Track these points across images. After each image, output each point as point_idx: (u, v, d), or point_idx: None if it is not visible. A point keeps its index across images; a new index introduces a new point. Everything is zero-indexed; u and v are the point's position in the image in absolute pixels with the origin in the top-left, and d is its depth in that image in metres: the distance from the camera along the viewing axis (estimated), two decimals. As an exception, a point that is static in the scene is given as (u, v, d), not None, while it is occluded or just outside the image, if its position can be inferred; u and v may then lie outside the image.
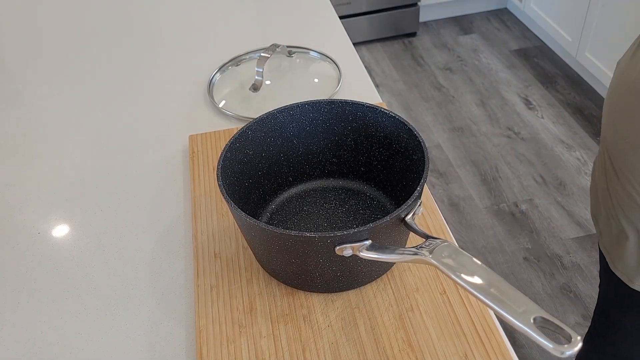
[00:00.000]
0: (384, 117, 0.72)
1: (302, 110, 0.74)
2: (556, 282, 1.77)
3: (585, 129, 2.31)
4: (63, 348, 0.65)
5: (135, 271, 0.73)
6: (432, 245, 0.55)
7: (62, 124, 0.99)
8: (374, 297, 0.66)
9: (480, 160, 2.22)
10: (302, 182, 0.79)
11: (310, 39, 1.15)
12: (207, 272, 0.70)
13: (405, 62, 2.80)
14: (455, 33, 2.96)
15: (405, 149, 0.71)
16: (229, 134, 0.90)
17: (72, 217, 0.81)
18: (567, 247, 1.87)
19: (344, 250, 0.57)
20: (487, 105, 2.48)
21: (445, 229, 0.73)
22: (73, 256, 0.76)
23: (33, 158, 0.92)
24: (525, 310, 0.47)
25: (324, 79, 1.02)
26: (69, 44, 1.20)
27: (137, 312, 0.68)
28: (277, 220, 0.75)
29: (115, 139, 0.95)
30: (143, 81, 1.07)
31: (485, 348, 0.60)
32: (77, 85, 1.08)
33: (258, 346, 0.62)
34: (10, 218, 0.82)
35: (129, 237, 0.78)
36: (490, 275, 0.50)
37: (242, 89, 1.00)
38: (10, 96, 1.07)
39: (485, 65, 2.71)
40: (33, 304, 0.70)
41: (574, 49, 2.49)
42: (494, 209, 2.02)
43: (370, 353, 0.61)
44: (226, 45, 1.15)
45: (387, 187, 0.76)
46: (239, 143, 0.70)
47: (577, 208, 1.99)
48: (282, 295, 0.67)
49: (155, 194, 0.84)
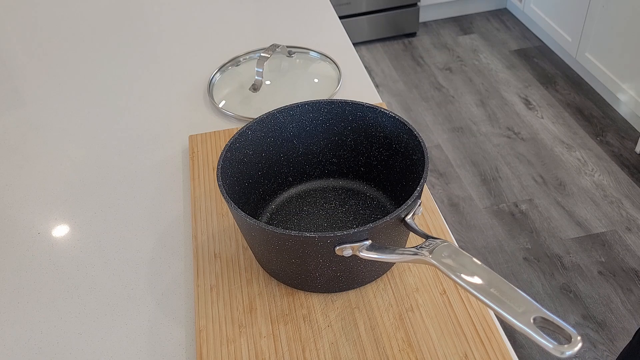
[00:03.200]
0: (383, 117, 0.72)
1: (302, 110, 0.74)
2: (556, 282, 1.77)
3: (585, 129, 2.31)
4: (63, 348, 0.65)
5: (135, 271, 0.73)
6: (432, 245, 0.55)
7: (62, 124, 0.99)
8: (374, 297, 0.66)
9: (480, 161, 2.22)
10: (302, 182, 0.79)
11: (310, 39, 1.15)
12: (207, 272, 0.70)
13: (405, 62, 2.80)
14: (455, 33, 2.96)
15: (405, 149, 0.71)
16: (229, 134, 0.90)
17: (72, 217, 0.81)
18: (567, 247, 1.87)
19: (344, 250, 0.57)
20: (487, 105, 2.48)
21: (445, 229, 0.73)
22: (73, 256, 0.76)
23: (33, 158, 0.92)
24: (525, 310, 0.47)
25: (324, 79, 1.02)
26: (69, 44, 1.20)
27: (137, 312, 0.68)
28: (277, 220, 0.75)
29: (115, 139, 0.95)
30: (143, 81, 1.07)
31: (485, 348, 0.60)
32: (77, 85, 1.08)
33: (258, 346, 0.62)
34: (10, 218, 0.82)
35: (129, 237, 0.78)
36: (490, 275, 0.50)
37: (242, 89, 1.00)
38: (10, 96, 1.07)
39: (485, 66, 2.71)
40: (33, 304, 0.70)
41: (573, 49, 2.49)
42: (493, 209, 2.02)
43: (370, 353, 0.61)
44: (226, 45, 1.15)
45: (387, 187, 0.76)
46: (239, 143, 0.70)
47: (577, 208, 1.99)
48: (282, 295, 0.67)
49: (155, 194, 0.84)
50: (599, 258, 1.82)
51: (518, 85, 2.57)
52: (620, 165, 2.14)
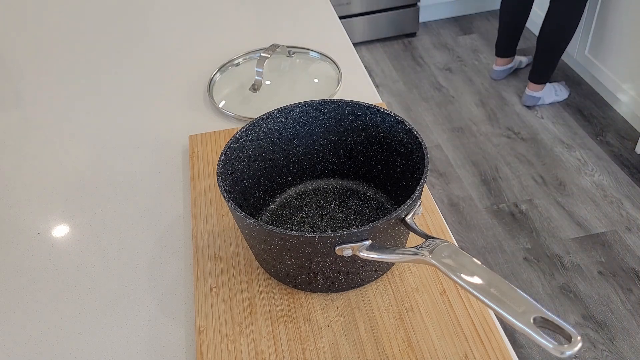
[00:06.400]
0: (383, 117, 0.72)
1: (302, 110, 0.74)
2: (556, 282, 1.77)
3: (585, 129, 2.31)
4: (63, 348, 0.65)
5: (135, 271, 0.73)
6: (432, 245, 0.55)
7: (62, 124, 0.99)
8: (374, 297, 0.66)
9: (480, 161, 2.22)
10: (302, 182, 0.79)
11: (310, 39, 1.15)
12: (207, 272, 0.70)
13: (405, 62, 2.80)
14: (455, 33, 2.96)
15: (405, 149, 0.71)
16: (229, 134, 0.90)
17: (72, 217, 0.81)
18: (567, 247, 1.87)
19: (344, 250, 0.57)
20: (487, 105, 2.48)
21: (445, 229, 0.73)
22: (73, 256, 0.76)
23: (33, 158, 0.92)
24: (525, 310, 0.47)
25: (324, 79, 1.02)
26: (69, 44, 1.20)
27: (137, 312, 0.68)
28: (277, 220, 0.75)
29: (115, 139, 0.95)
30: (143, 81, 1.07)
31: (485, 348, 0.60)
32: (77, 85, 1.08)
33: (258, 346, 0.62)
34: (10, 218, 0.82)
35: (129, 237, 0.78)
36: (490, 275, 0.50)
37: (242, 89, 1.00)
38: (10, 96, 1.07)
39: (485, 66, 2.71)
40: (33, 304, 0.70)
41: (574, 49, 2.49)
42: (493, 209, 2.02)
43: (370, 353, 0.61)
44: (226, 45, 1.15)
45: (387, 187, 0.76)
46: (239, 143, 0.70)
47: (577, 208, 1.99)
48: (282, 295, 0.67)
49: (155, 193, 0.84)
50: (599, 258, 1.82)
51: (518, 85, 2.57)
52: (620, 165, 2.14)
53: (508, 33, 2.43)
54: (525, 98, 2.41)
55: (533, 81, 2.36)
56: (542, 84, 2.36)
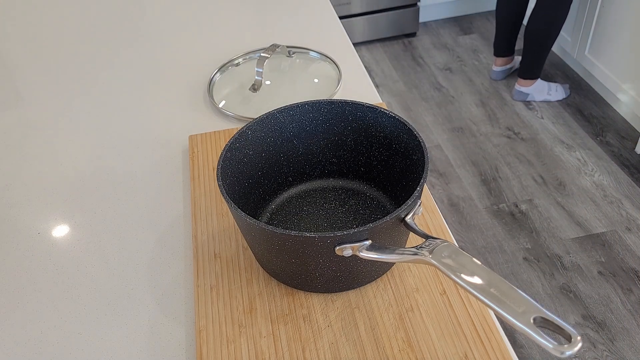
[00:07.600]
0: (383, 117, 0.72)
1: (302, 110, 0.74)
2: (556, 282, 1.77)
3: (585, 129, 2.31)
4: (63, 348, 0.65)
5: (135, 271, 0.73)
6: (432, 245, 0.55)
7: (62, 124, 0.99)
8: (374, 297, 0.66)
9: (480, 161, 2.22)
10: (302, 182, 0.79)
11: (310, 39, 1.15)
12: (207, 272, 0.70)
13: (405, 62, 2.80)
14: (455, 33, 2.96)
15: (405, 149, 0.71)
16: (229, 134, 0.90)
17: (72, 217, 0.81)
18: (567, 247, 1.87)
19: (343, 250, 0.57)
20: (486, 105, 2.48)
21: (445, 229, 0.73)
22: (73, 256, 0.76)
23: (33, 158, 0.92)
24: (525, 310, 0.47)
25: (324, 79, 1.02)
26: (69, 44, 1.20)
27: (137, 312, 0.68)
28: (277, 220, 0.75)
29: (115, 139, 0.95)
30: (143, 81, 1.07)
31: (485, 348, 0.60)
32: (77, 85, 1.08)
33: (258, 346, 0.62)
34: (10, 218, 0.82)
35: (129, 237, 0.78)
36: (490, 275, 0.50)
37: (242, 89, 1.00)
38: (10, 96, 1.07)
39: (485, 66, 2.71)
40: (33, 304, 0.70)
41: (574, 49, 2.49)
42: (493, 209, 2.02)
43: (370, 353, 0.61)
44: (226, 45, 1.15)
45: (387, 187, 0.76)
46: (239, 143, 0.70)
47: (577, 208, 1.99)
48: (282, 295, 0.67)
49: (155, 194, 0.84)
50: (599, 258, 1.82)
51: (518, 85, 2.57)
52: (620, 165, 2.14)
53: (505, 32, 2.44)
54: (514, 92, 2.46)
55: (521, 76, 2.41)
56: (530, 80, 2.39)
